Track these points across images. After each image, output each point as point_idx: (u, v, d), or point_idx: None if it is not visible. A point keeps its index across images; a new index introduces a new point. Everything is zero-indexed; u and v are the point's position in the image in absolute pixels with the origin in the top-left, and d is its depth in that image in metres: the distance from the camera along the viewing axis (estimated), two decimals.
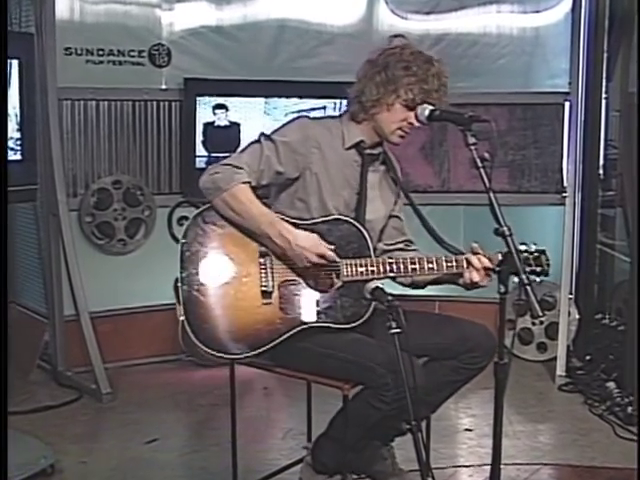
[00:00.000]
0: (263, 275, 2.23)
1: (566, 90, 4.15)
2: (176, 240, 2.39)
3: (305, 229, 2.24)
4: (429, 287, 2.37)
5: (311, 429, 2.75)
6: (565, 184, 4.18)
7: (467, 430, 3.31)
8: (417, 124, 2.30)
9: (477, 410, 3.49)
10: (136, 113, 4.08)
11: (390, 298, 2.01)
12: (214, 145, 4.13)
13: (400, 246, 2.47)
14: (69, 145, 3.92)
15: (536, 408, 3.61)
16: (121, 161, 4.08)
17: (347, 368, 2.20)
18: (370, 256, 2.23)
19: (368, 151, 2.37)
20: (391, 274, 2.22)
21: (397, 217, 2.48)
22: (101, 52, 3.94)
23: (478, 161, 2.01)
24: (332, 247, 2.21)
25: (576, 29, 4.04)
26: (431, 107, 2.22)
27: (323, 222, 2.27)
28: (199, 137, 4.10)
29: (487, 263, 2.17)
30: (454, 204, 4.43)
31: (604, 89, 4.01)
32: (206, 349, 2.19)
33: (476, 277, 2.19)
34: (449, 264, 2.21)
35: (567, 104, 4.17)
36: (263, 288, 2.22)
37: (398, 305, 1.98)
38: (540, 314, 1.92)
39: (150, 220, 4.18)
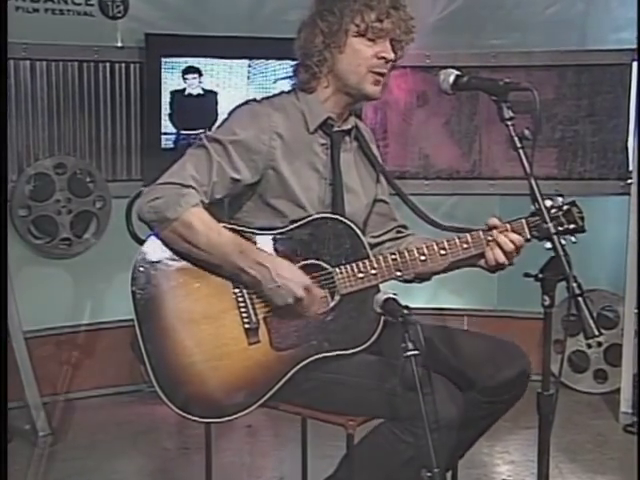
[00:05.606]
0: (242, 309, 2.24)
1: (634, 46, 4.12)
2: (137, 240, 2.36)
3: (281, 239, 2.26)
4: (456, 299, 2.39)
5: (307, 478, 2.77)
6: (630, 168, 4.20)
7: None
8: (392, 56, 2.30)
9: (517, 455, 3.49)
10: (84, 78, 4.10)
11: (406, 312, 2.03)
12: (184, 119, 4.16)
13: (391, 235, 2.52)
14: None
15: (594, 454, 3.62)
16: (65, 139, 4.10)
17: (364, 397, 2.20)
18: (367, 256, 2.26)
19: (337, 128, 2.38)
20: (397, 272, 2.25)
21: (382, 201, 2.53)
22: None
23: (517, 140, 2.03)
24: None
25: None
26: (456, 72, 2.21)
27: (301, 226, 2.28)
28: (165, 109, 4.12)
29: (518, 240, 2.21)
30: (487, 194, 4.46)
31: None
32: (195, 418, 2.21)
33: (501, 257, 2.22)
34: (465, 245, 2.25)
35: (635, 64, 4.20)
36: (246, 325, 2.23)
37: (416, 321, 2.01)
38: (597, 333, 1.94)
39: (103, 214, 4.21)
